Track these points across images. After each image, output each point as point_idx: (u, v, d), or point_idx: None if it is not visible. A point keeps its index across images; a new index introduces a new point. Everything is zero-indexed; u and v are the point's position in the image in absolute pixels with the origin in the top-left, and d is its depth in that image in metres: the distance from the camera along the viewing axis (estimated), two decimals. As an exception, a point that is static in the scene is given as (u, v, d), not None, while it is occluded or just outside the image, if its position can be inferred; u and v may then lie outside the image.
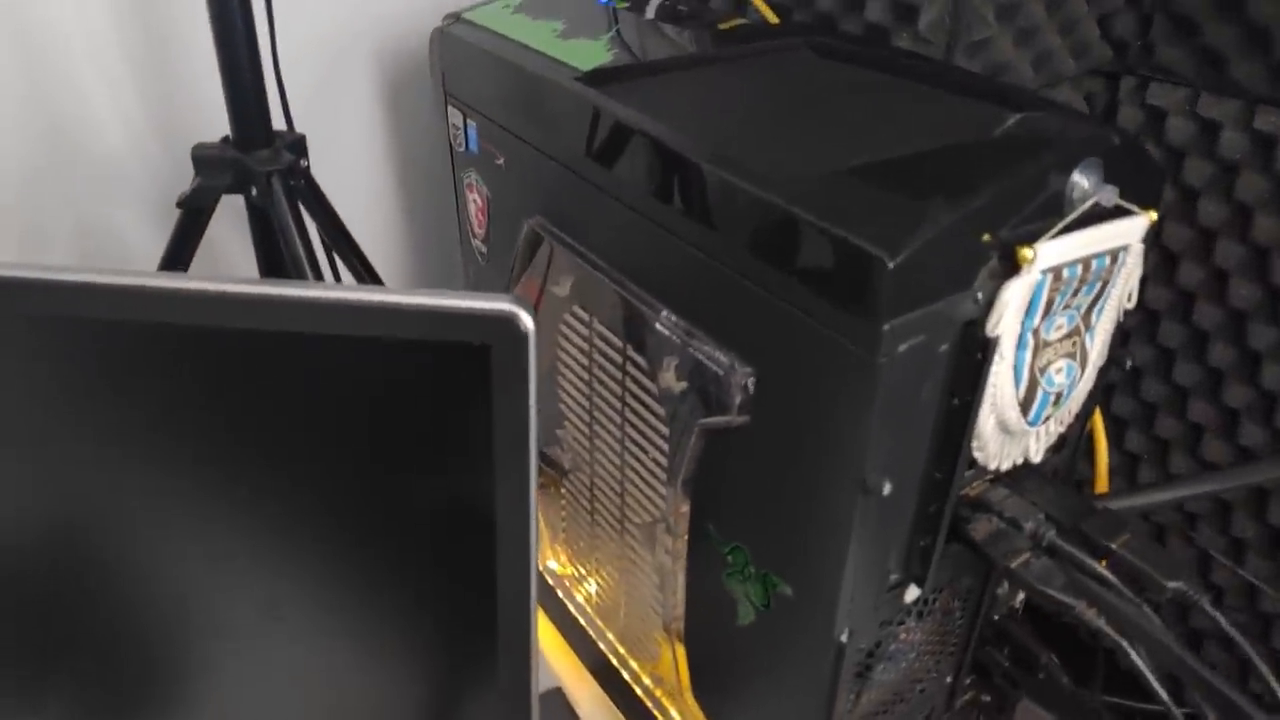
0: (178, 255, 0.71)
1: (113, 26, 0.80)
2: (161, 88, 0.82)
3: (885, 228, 0.44)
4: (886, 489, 0.49)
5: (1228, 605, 0.91)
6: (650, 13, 0.76)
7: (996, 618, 0.68)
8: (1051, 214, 0.49)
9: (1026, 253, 0.46)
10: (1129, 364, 0.81)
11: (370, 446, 0.49)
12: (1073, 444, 0.62)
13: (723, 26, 0.73)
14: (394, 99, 0.95)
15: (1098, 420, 0.62)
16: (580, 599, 0.88)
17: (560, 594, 0.90)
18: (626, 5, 0.76)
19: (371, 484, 0.50)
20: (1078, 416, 0.59)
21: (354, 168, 0.93)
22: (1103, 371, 0.57)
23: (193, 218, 0.71)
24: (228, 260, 0.85)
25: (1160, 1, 0.83)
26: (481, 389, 0.46)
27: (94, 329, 0.45)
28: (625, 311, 0.63)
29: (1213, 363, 0.88)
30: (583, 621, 0.88)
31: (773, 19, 0.86)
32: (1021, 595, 0.69)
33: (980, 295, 0.47)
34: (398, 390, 0.48)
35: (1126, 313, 0.55)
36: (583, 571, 0.84)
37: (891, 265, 0.43)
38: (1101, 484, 0.63)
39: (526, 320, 0.45)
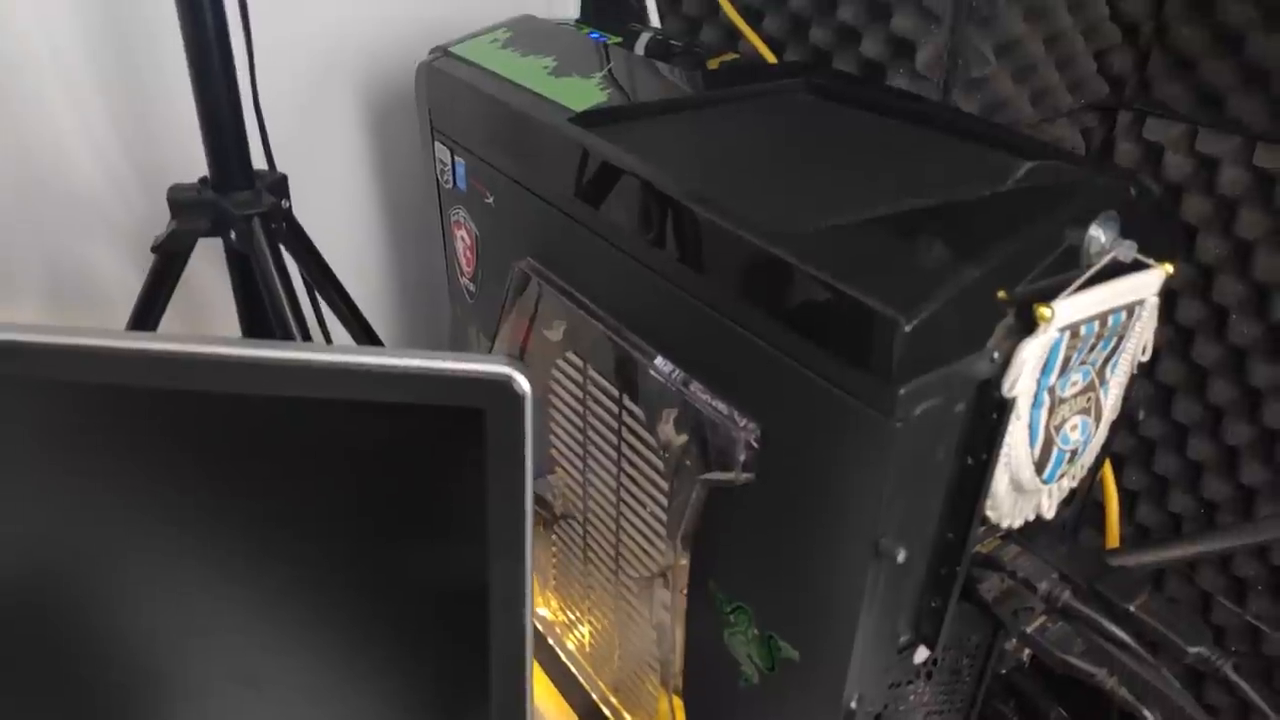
0: (153, 301, 0.68)
1: (86, 59, 0.77)
2: (136, 121, 0.79)
3: (900, 288, 0.42)
4: (901, 556, 0.47)
5: (1229, 646, 0.89)
6: (640, 48, 0.74)
7: (1004, 671, 0.66)
8: (1066, 268, 0.47)
9: (1045, 311, 0.44)
10: (1142, 416, 0.79)
11: (359, 511, 0.47)
12: (1081, 496, 0.60)
13: (713, 62, 0.71)
14: (377, 133, 0.93)
15: (1108, 473, 0.61)
16: (571, 646, 0.85)
17: (550, 641, 0.87)
18: (620, 41, 0.74)
19: (359, 550, 0.48)
20: (1089, 471, 0.57)
21: (336, 205, 0.90)
22: (1115, 426, 0.55)
23: (168, 262, 0.68)
24: (205, 304, 0.82)
25: (1157, 38, 0.82)
26: (475, 453, 0.44)
27: (73, 392, 0.43)
28: (620, 359, 0.60)
29: (1212, 400, 0.87)
30: (574, 669, 0.85)
31: (768, 55, 0.85)
32: (1029, 652, 0.67)
33: (996, 354, 0.45)
34: (388, 454, 0.45)
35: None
36: (574, 618, 0.82)
37: (908, 328, 0.41)
38: (1112, 539, 0.61)
39: (522, 383, 0.43)
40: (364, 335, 0.78)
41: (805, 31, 0.86)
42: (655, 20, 0.94)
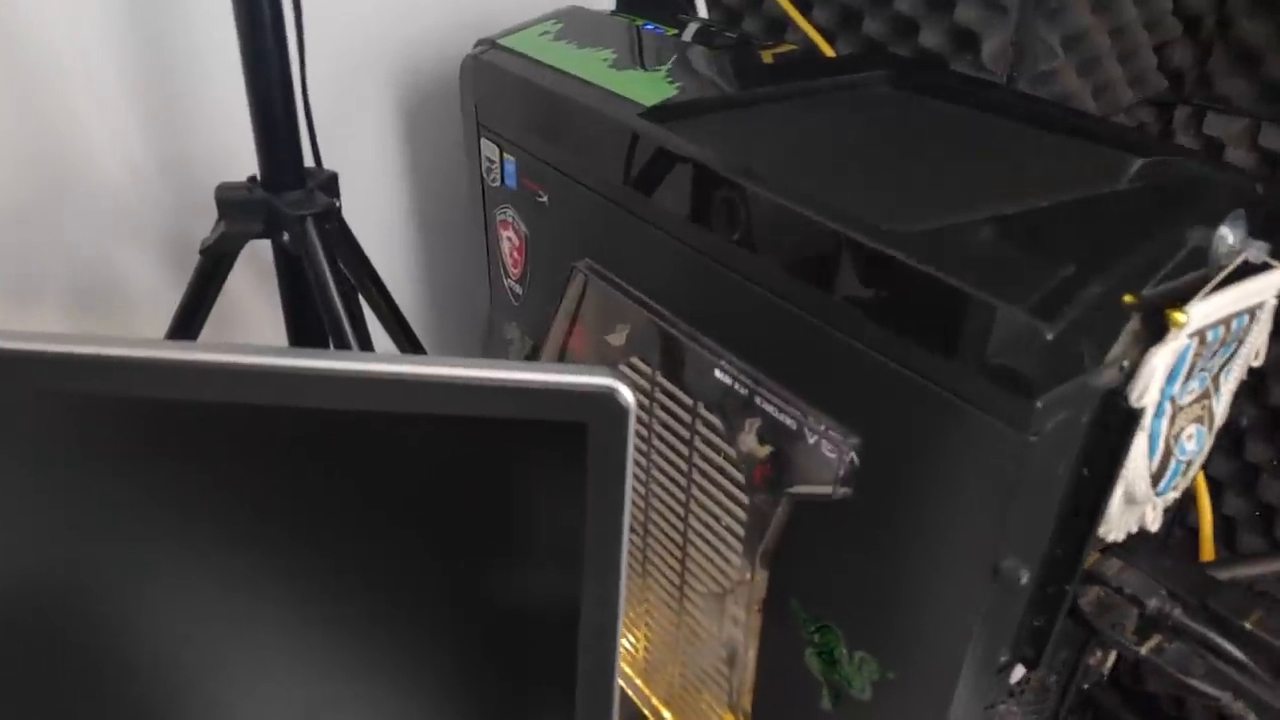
0: (196, 305, 0.65)
1: (114, 53, 0.73)
2: (165, 117, 0.76)
3: (1038, 294, 0.39)
4: (1024, 578, 0.44)
5: None
6: (688, 36, 0.71)
7: (1085, 686, 0.64)
8: (1189, 270, 0.45)
9: (1179, 317, 0.42)
10: (1244, 422, 0.77)
11: (446, 533, 0.44)
12: (1174, 507, 0.58)
13: (768, 55, 0.68)
14: (411, 128, 0.89)
15: (1200, 483, 0.58)
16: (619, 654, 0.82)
17: (595, 654, 0.84)
18: (676, 32, 0.71)
19: (444, 574, 0.45)
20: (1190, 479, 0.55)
21: (371, 202, 0.87)
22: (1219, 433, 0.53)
23: (214, 265, 0.64)
24: (243, 309, 0.79)
25: (1219, 32, 0.80)
26: (575, 470, 0.41)
27: (123, 405, 0.39)
28: (694, 366, 0.58)
29: (1273, 403, 0.85)
30: (620, 682, 0.82)
31: (824, 45, 0.82)
32: (1110, 663, 0.65)
33: (1125, 362, 0.43)
34: (481, 473, 0.42)
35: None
36: (625, 625, 0.79)
37: (1050, 336, 0.38)
38: (1207, 550, 0.59)
39: (627, 395, 0.40)
40: (406, 340, 0.75)
41: (858, 22, 0.83)
42: (702, 4, 0.91)
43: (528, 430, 0.41)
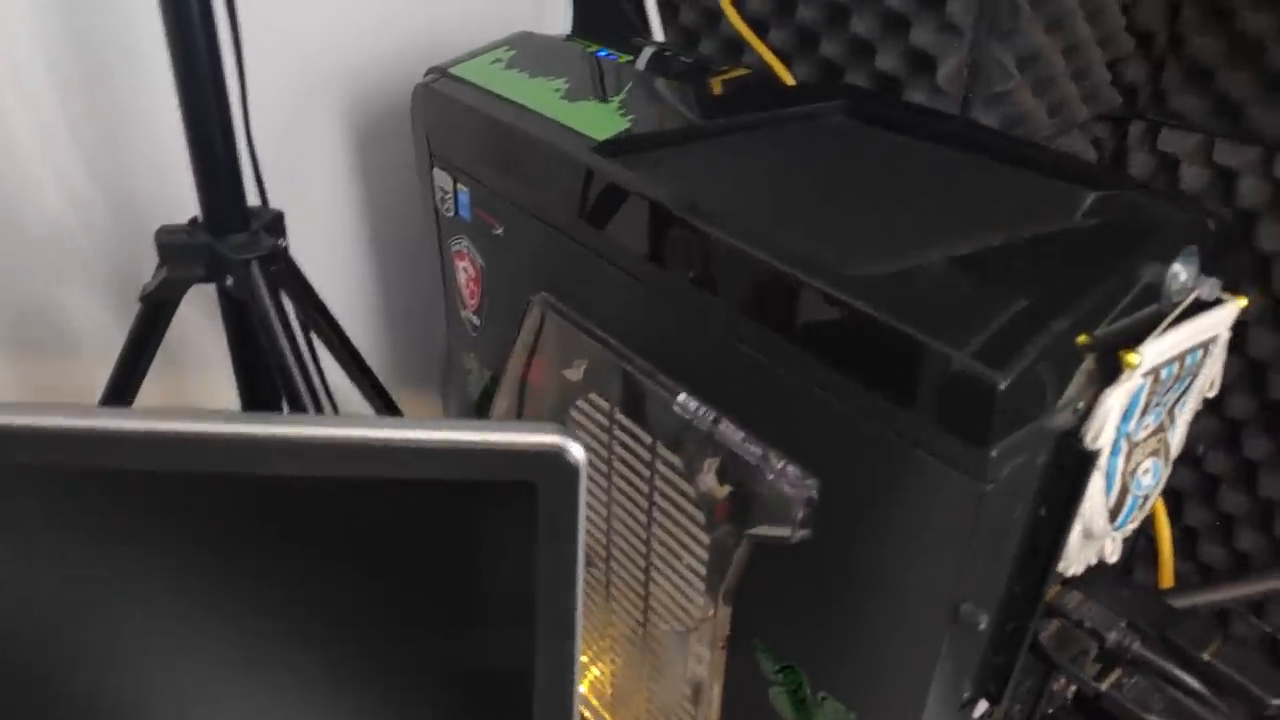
0: (139, 353, 0.63)
1: (54, 87, 0.70)
2: (112, 155, 0.73)
3: (991, 342, 0.39)
4: (983, 623, 0.44)
5: None
6: (642, 64, 0.70)
7: (1050, 712, 0.64)
8: (1141, 306, 0.45)
9: (1133, 358, 0.41)
10: (1202, 450, 0.77)
11: (394, 595, 0.43)
12: (1133, 536, 0.58)
13: (718, 80, 0.67)
14: (362, 157, 0.87)
15: (1159, 511, 0.58)
16: (584, 688, 0.81)
17: (563, 685, 0.83)
18: (630, 58, 0.70)
19: (395, 635, 0.44)
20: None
21: (321, 234, 0.85)
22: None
23: (156, 310, 0.62)
24: (193, 353, 0.77)
25: (1172, 48, 0.81)
26: (525, 530, 0.40)
27: (66, 474, 0.38)
28: (653, 404, 0.57)
29: (1230, 414, 0.85)
30: (587, 713, 0.82)
31: (779, 68, 0.81)
32: (1073, 689, 0.64)
33: (1080, 404, 0.43)
34: (426, 534, 0.41)
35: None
36: (590, 658, 0.78)
37: (1003, 387, 0.38)
38: (1166, 578, 0.59)
39: (577, 453, 0.39)
40: (365, 380, 0.73)
41: (815, 44, 0.82)
42: (658, 28, 0.90)
43: (477, 491, 0.40)
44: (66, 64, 0.69)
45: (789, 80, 0.81)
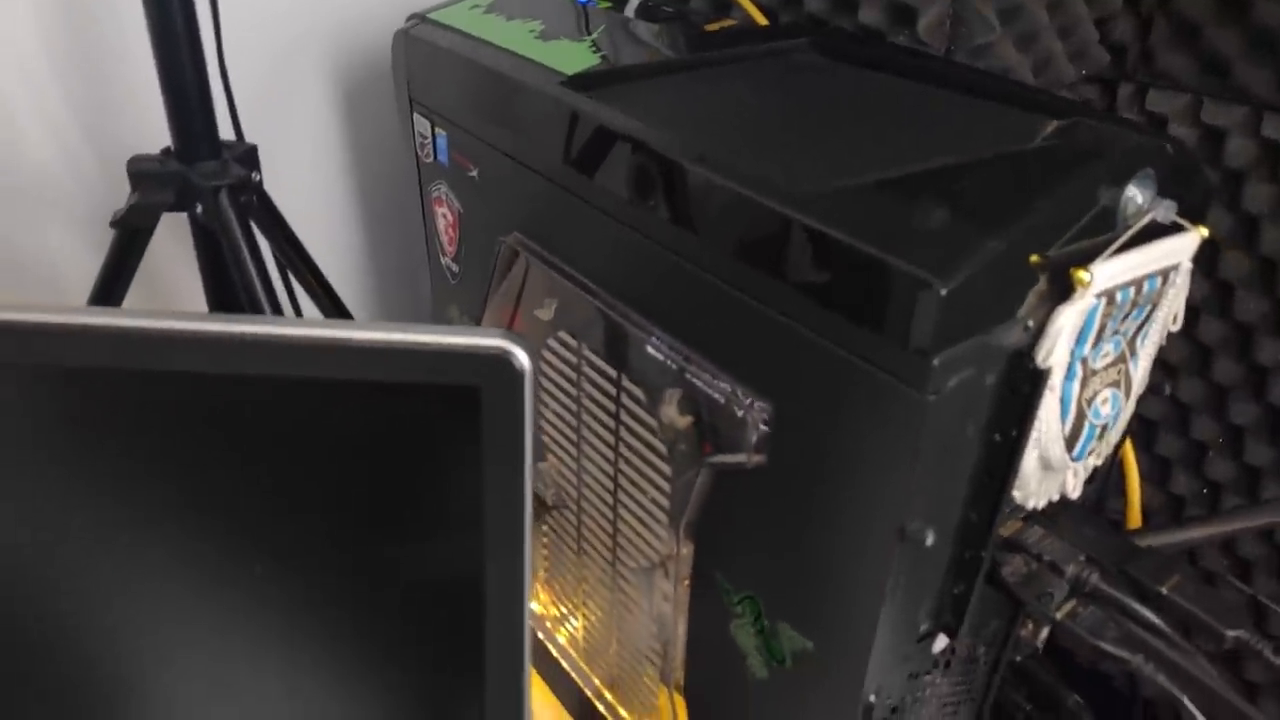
0: (114, 280, 0.63)
1: (33, 22, 0.71)
2: (94, 92, 0.74)
3: (932, 251, 0.39)
4: (930, 539, 0.44)
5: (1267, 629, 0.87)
6: (630, 11, 0.70)
7: (1019, 659, 0.63)
8: (1099, 231, 0.45)
9: (1083, 276, 0.41)
10: (1168, 390, 0.77)
11: (341, 499, 0.43)
12: (1103, 475, 0.58)
13: (710, 28, 0.68)
14: (350, 104, 0.88)
15: (1128, 450, 0.58)
16: (563, 640, 0.82)
17: (540, 635, 0.83)
18: (608, 5, 0.70)
19: (343, 540, 0.44)
20: (1113, 446, 0.54)
21: (309, 179, 0.85)
22: (1139, 400, 0.53)
23: (130, 238, 0.63)
24: (169, 284, 0.78)
25: (1160, 5, 0.80)
26: (470, 435, 0.40)
27: (30, 374, 0.39)
28: (617, 338, 0.57)
29: (1216, 378, 0.85)
30: (565, 664, 0.82)
31: (761, 21, 0.81)
32: (1044, 635, 0.64)
33: (1030, 322, 0.42)
34: (373, 437, 0.41)
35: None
36: (566, 611, 0.78)
37: (944, 292, 0.38)
38: (1134, 518, 0.58)
39: (521, 358, 0.39)
40: (338, 314, 0.74)
41: (799, -1, 0.82)
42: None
43: (422, 394, 0.40)
44: (48, 14, 0.70)
45: (771, 31, 0.80)
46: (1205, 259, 0.82)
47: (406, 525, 0.43)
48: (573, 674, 0.80)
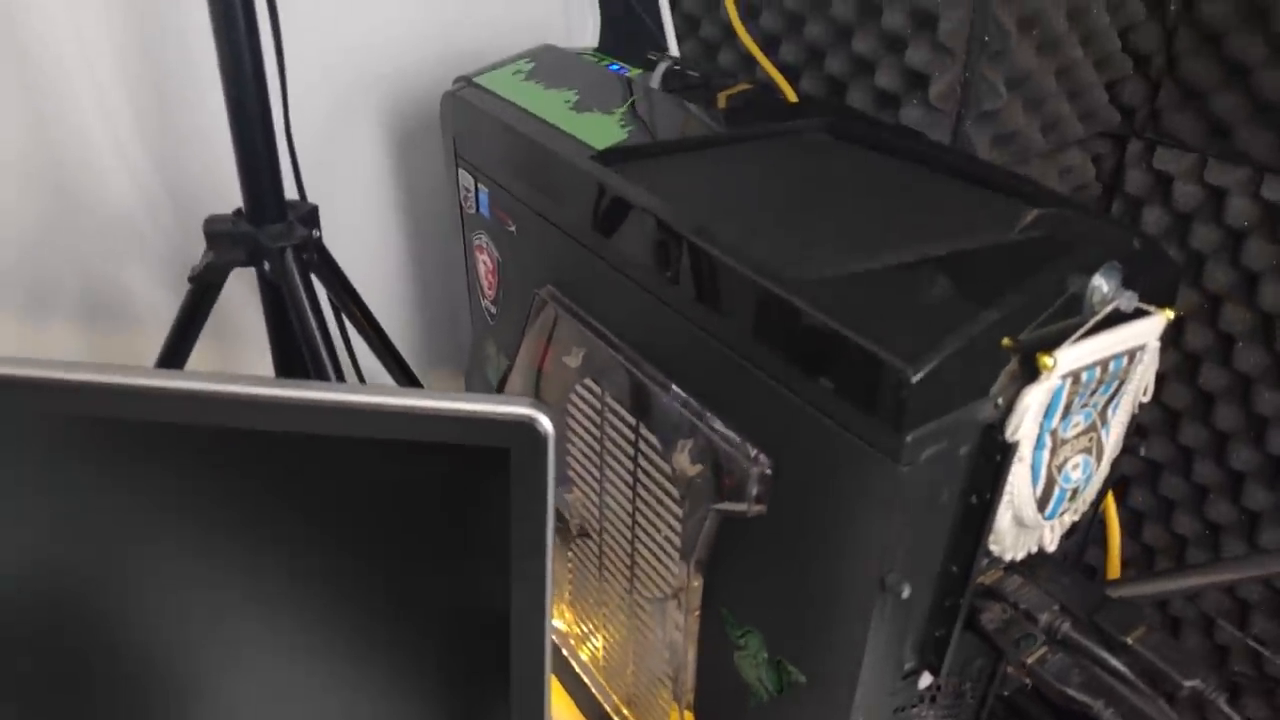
0: (187, 328, 0.71)
1: (122, 83, 0.79)
2: (170, 145, 0.82)
3: (908, 339, 0.44)
4: (906, 592, 0.49)
5: (1248, 704, 0.90)
6: (655, 81, 0.76)
7: (1006, 694, 0.68)
8: (1070, 314, 0.49)
9: (1047, 360, 0.46)
10: (1142, 451, 0.81)
11: (383, 547, 0.49)
12: (1084, 528, 0.62)
13: (724, 96, 0.73)
14: (398, 154, 0.95)
15: (1109, 504, 0.62)
16: (585, 657, 0.87)
17: (565, 652, 0.89)
18: (640, 71, 0.76)
19: (386, 578, 0.50)
20: (1091, 504, 0.59)
21: (358, 224, 0.92)
22: (1116, 461, 0.57)
23: (203, 291, 0.70)
24: (238, 327, 0.85)
25: (1168, 70, 0.84)
26: (500, 489, 0.46)
27: (110, 427, 0.45)
28: (635, 388, 0.62)
29: (1219, 425, 0.88)
30: (587, 680, 0.87)
31: (783, 84, 0.86)
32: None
33: (1000, 400, 0.47)
34: (416, 490, 0.47)
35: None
36: (588, 630, 0.84)
37: (915, 379, 0.43)
38: (1114, 569, 0.63)
39: (545, 424, 0.45)
40: (391, 359, 0.80)
41: (820, 61, 0.87)
42: (673, 43, 0.96)
43: (460, 454, 0.46)
44: (133, 68, 0.78)
45: (791, 95, 0.86)
46: (1208, 313, 0.86)
47: (443, 564, 0.49)
48: (593, 690, 0.85)
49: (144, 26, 0.77)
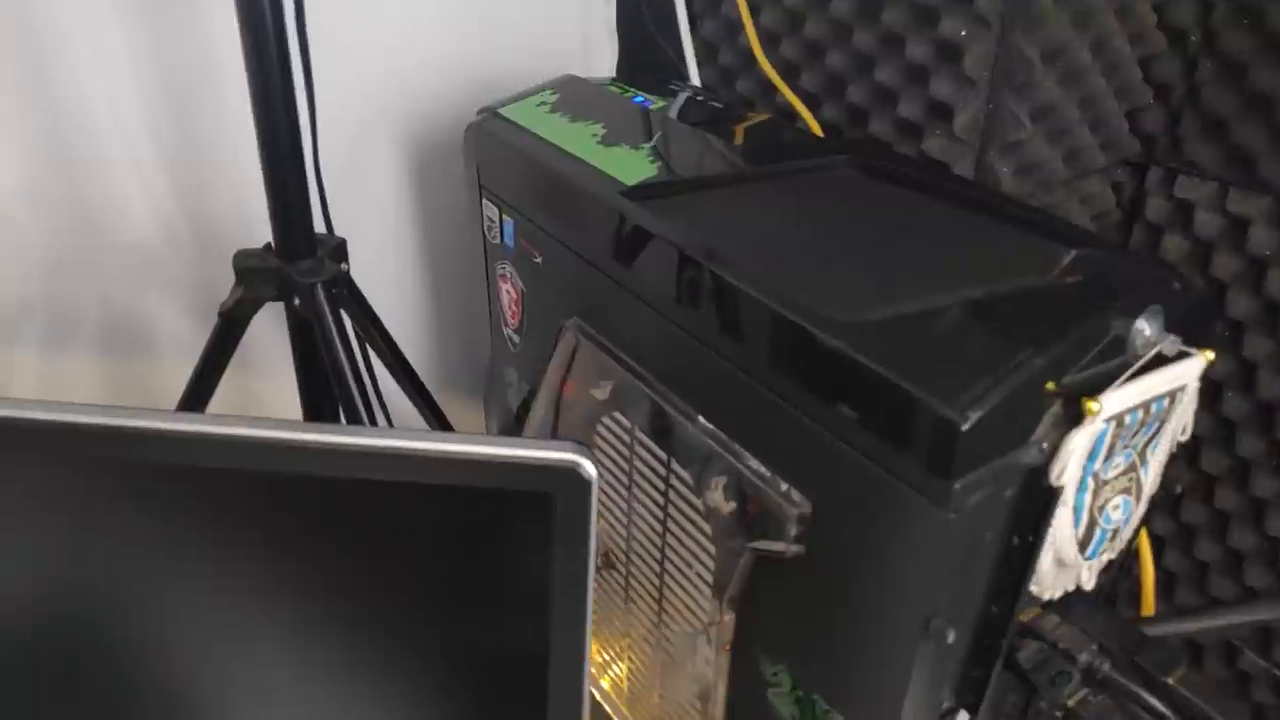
0: (214, 362, 0.70)
1: (147, 118, 0.79)
2: (196, 174, 0.82)
3: (958, 387, 0.44)
4: (950, 637, 0.48)
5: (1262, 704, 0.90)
6: (675, 111, 0.76)
7: (1038, 728, 0.68)
8: (1112, 356, 0.49)
9: (1093, 405, 0.46)
10: (1179, 490, 0.81)
11: (423, 591, 0.49)
12: (1117, 565, 0.62)
13: (742, 126, 0.73)
14: (419, 182, 0.95)
15: (1143, 540, 0.62)
16: (606, 685, 0.87)
17: (586, 681, 0.89)
18: (663, 105, 0.76)
19: (421, 628, 0.50)
20: (1126, 541, 0.59)
21: (380, 253, 0.92)
22: (1152, 500, 0.57)
23: (231, 325, 0.70)
24: (261, 359, 0.85)
25: (1189, 100, 0.84)
26: (543, 533, 0.46)
27: (139, 471, 0.45)
28: (667, 424, 0.62)
29: (1240, 452, 0.88)
30: (607, 707, 0.87)
31: (805, 114, 0.87)
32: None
33: (1045, 444, 0.47)
34: (455, 535, 0.47)
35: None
36: (610, 657, 0.83)
37: (965, 428, 0.43)
38: (1148, 605, 0.62)
39: (589, 469, 0.45)
40: (417, 394, 0.80)
41: (842, 89, 0.87)
42: (694, 72, 0.96)
43: (503, 498, 0.46)
44: (157, 100, 0.78)
45: (813, 124, 0.86)
46: (1230, 341, 0.86)
47: (482, 609, 0.49)
48: (614, 717, 0.85)
49: (171, 62, 0.77)
